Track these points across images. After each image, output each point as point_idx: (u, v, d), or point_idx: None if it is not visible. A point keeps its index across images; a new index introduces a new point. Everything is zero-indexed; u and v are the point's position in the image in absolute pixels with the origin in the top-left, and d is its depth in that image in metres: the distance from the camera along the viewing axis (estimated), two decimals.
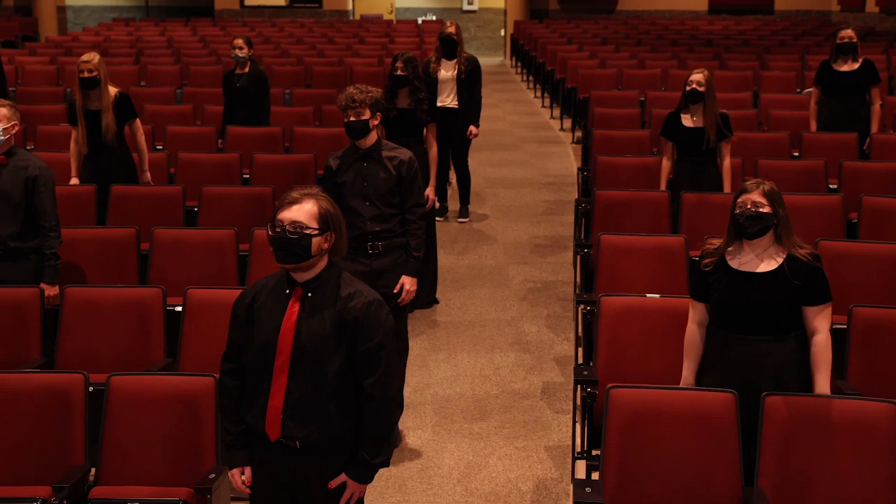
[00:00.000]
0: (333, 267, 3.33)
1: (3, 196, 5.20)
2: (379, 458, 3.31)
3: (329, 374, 3.22)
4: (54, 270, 5.29)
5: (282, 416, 3.23)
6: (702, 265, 4.06)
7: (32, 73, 12.43)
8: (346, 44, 15.58)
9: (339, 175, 5.10)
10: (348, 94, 5.04)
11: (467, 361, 6.19)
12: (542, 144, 12.37)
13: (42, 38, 19.12)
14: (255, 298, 3.33)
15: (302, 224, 3.23)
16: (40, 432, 4.02)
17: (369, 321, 3.24)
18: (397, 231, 5.11)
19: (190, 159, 7.77)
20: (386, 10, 23.91)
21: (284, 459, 3.28)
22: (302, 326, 3.23)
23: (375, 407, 3.26)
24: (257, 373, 3.28)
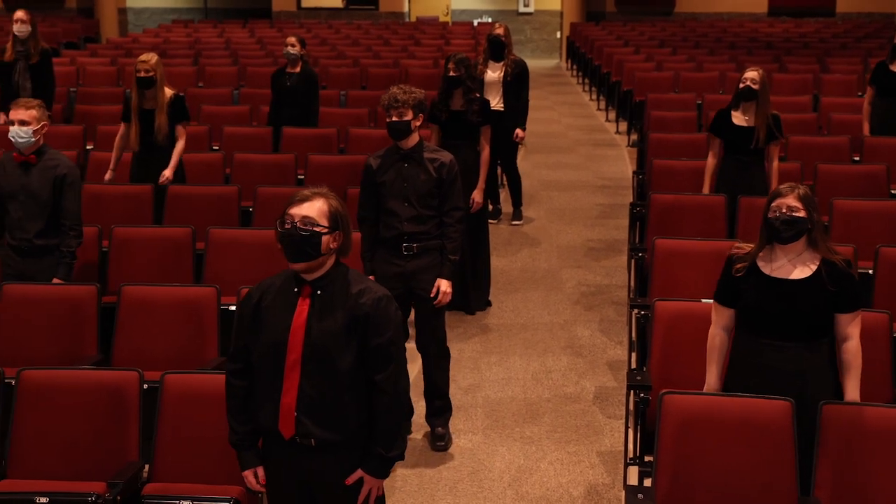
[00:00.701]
0: (340, 265, 3.33)
1: (32, 194, 5.30)
2: (394, 452, 3.31)
3: (341, 370, 3.23)
4: (68, 268, 5.36)
5: (295, 413, 3.24)
6: (733, 270, 3.98)
7: (93, 73, 12.62)
8: (401, 45, 15.61)
9: (379, 175, 5.11)
10: (392, 94, 5.05)
11: (519, 364, 6.16)
12: (596, 147, 12.29)
13: (103, 39, 19.41)
14: (261, 298, 3.33)
15: (313, 221, 3.23)
16: (95, 428, 4.06)
17: (380, 316, 3.25)
18: (433, 233, 5.10)
19: (245, 160, 7.84)
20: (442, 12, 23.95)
21: (300, 457, 3.29)
22: (312, 324, 3.24)
23: (388, 401, 3.27)
24: (268, 372, 3.29)
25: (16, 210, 5.28)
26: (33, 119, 5.25)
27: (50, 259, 5.30)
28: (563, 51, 21.73)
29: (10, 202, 5.29)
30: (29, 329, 4.99)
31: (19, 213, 5.27)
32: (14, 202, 5.28)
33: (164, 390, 4.09)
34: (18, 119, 5.22)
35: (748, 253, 4.00)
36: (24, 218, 5.27)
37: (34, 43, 8.52)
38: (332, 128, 8.73)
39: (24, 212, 5.27)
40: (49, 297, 5.05)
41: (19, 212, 5.27)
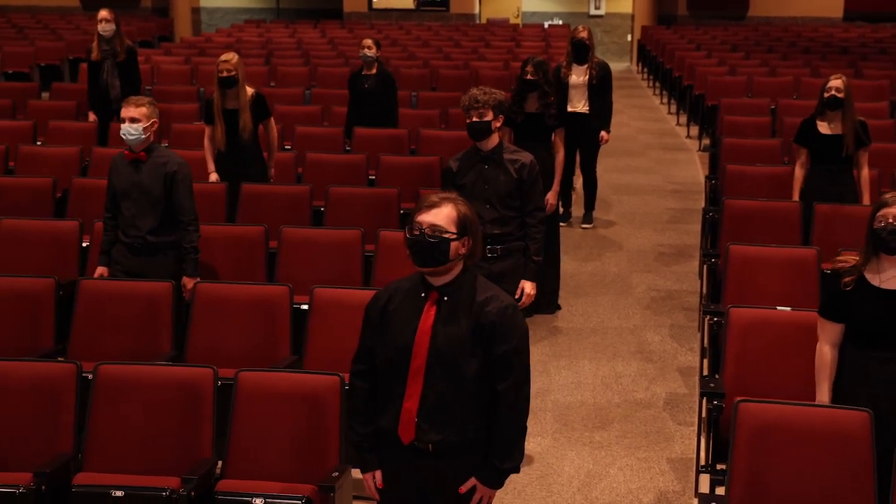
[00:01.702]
0: (468, 271, 3.32)
1: (144, 191, 5.36)
2: (509, 463, 3.28)
3: (465, 377, 3.21)
4: (194, 263, 5.43)
5: (416, 419, 3.23)
6: (841, 284, 3.89)
7: (167, 72, 12.82)
8: (471, 47, 15.61)
9: (460, 177, 5.10)
10: (472, 95, 5.04)
11: (588, 369, 6.12)
12: (667, 151, 12.17)
13: (177, 38, 19.74)
14: (389, 301, 3.33)
15: (441, 228, 3.21)
16: (170, 424, 4.11)
17: (506, 325, 3.22)
18: (516, 234, 5.09)
19: (317, 159, 7.91)
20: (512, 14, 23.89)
21: (416, 462, 3.27)
22: (438, 330, 3.22)
23: (509, 411, 3.24)
24: (391, 375, 3.28)
25: (128, 208, 5.36)
26: (143, 116, 5.31)
27: (162, 257, 5.38)
28: (634, 54, 21.54)
29: (123, 200, 5.36)
30: (105, 324, 5.07)
31: (132, 211, 5.35)
32: (127, 200, 5.36)
33: (239, 388, 4.14)
34: (129, 117, 5.28)
35: (854, 266, 3.90)
36: (136, 215, 5.34)
37: (119, 41, 8.67)
38: (404, 129, 8.76)
39: (137, 209, 5.34)
40: (126, 294, 5.13)
41: (132, 209, 5.35)
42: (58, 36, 16.52)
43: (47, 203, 6.83)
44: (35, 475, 3.82)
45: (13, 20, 18.88)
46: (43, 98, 11.07)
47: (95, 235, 5.95)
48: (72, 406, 4.10)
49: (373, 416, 3.35)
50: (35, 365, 4.21)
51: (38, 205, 6.78)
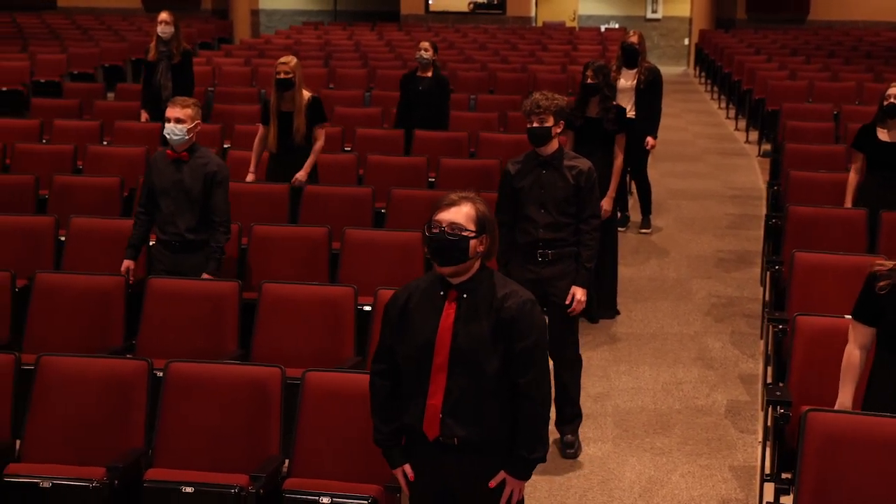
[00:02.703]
0: (486, 269, 3.36)
1: (184, 191, 5.46)
2: (536, 454, 3.32)
3: (487, 373, 3.26)
4: (218, 263, 5.51)
5: (441, 415, 3.27)
6: (876, 288, 3.85)
7: (228, 74, 12.97)
8: (528, 50, 15.60)
9: (517, 181, 5.12)
10: (534, 100, 5.06)
11: (649, 374, 6.10)
12: (726, 156, 12.06)
13: (236, 40, 19.96)
14: (408, 300, 3.37)
15: (460, 226, 3.25)
16: (238, 422, 4.17)
17: (525, 320, 3.26)
18: (569, 240, 5.09)
19: (378, 161, 7.96)
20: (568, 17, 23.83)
21: (443, 457, 3.32)
22: (459, 327, 3.27)
23: (531, 404, 3.29)
24: (414, 373, 3.33)
25: (167, 206, 5.46)
26: (188, 117, 5.42)
27: (200, 254, 5.47)
28: (691, 58, 21.36)
29: (163, 198, 5.47)
30: (173, 323, 5.15)
31: (171, 209, 5.45)
32: (166, 198, 5.46)
33: (306, 387, 4.18)
34: (174, 117, 5.40)
35: (892, 269, 3.86)
36: (175, 213, 5.45)
37: (177, 44, 8.80)
38: (463, 132, 8.79)
39: (176, 207, 5.44)
40: (193, 293, 5.22)
41: (171, 207, 5.45)
42: (120, 37, 16.80)
43: (115, 202, 6.96)
44: (108, 470, 3.90)
45: (77, 21, 19.23)
46: (108, 98, 11.28)
47: None
48: (143, 403, 4.18)
49: (395, 414, 3.41)
50: (108, 361, 4.30)
51: (106, 204, 6.91)
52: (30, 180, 7.04)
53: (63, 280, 5.25)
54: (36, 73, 12.96)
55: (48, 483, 3.85)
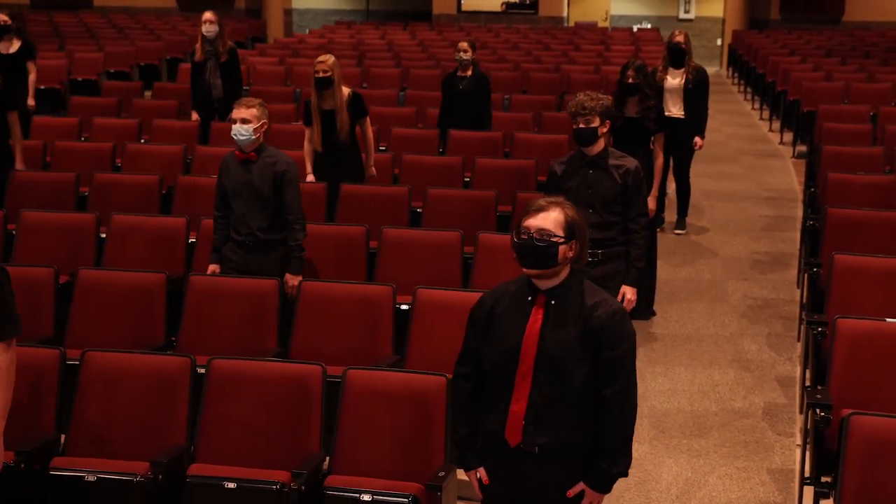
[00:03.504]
0: (575, 275, 3.34)
1: (254, 191, 5.49)
2: (618, 468, 3.29)
3: (572, 381, 3.23)
4: (299, 262, 5.54)
5: (523, 421, 3.25)
6: None
7: (263, 73, 13.04)
8: (561, 50, 15.58)
9: (564, 181, 5.12)
10: (579, 101, 5.06)
11: (685, 376, 6.08)
12: (760, 158, 12.00)
13: (270, 39, 20.06)
14: (495, 304, 3.36)
15: (549, 232, 3.25)
16: (279, 419, 4.20)
17: (615, 330, 3.23)
18: (618, 240, 5.09)
19: (414, 161, 7.98)
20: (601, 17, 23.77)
21: (522, 465, 3.29)
22: (546, 334, 3.25)
23: (617, 416, 3.25)
24: (498, 378, 3.31)
25: (240, 207, 5.50)
26: (254, 117, 5.44)
27: (274, 254, 5.50)
28: (724, 58, 21.24)
29: (235, 199, 5.51)
30: (213, 320, 5.20)
31: (243, 210, 5.49)
32: (238, 199, 5.50)
33: (347, 385, 4.21)
34: (241, 117, 5.41)
35: None
36: (247, 214, 5.48)
37: (222, 42, 8.87)
38: (498, 132, 8.80)
39: (248, 208, 5.47)
40: (233, 291, 5.26)
41: (243, 208, 5.49)
42: (156, 36, 16.93)
43: (154, 200, 7.02)
44: (152, 464, 3.94)
45: (113, 20, 19.41)
46: (145, 97, 11.38)
47: (202, 232, 6.10)
48: (185, 399, 4.22)
49: (475, 416, 3.39)
50: (151, 358, 4.35)
51: (145, 201, 6.97)
52: (70, 178, 7.13)
53: (105, 277, 5.31)
54: (73, 71, 13.09)
55: (93, 477, 3.90)
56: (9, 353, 3.46)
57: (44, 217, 6.25)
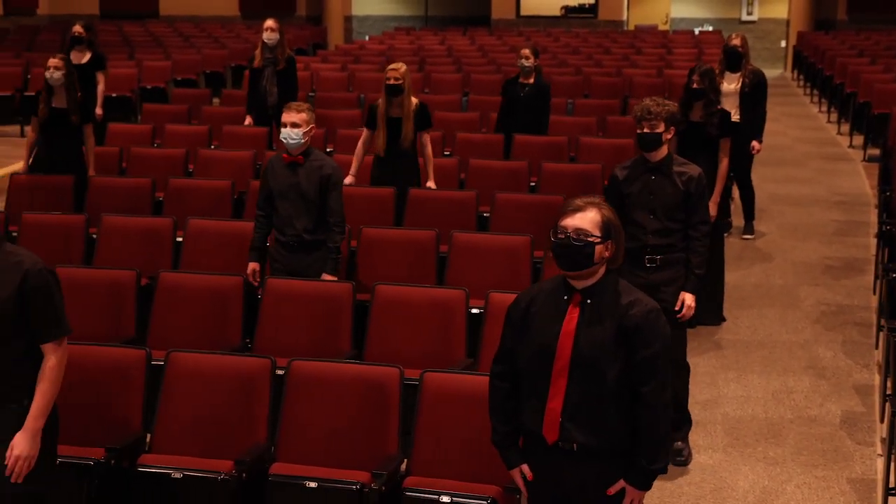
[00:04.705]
0: (611, 275, 3.35)
1: (301, 193, 5.57)
2: (657, 464, 3.30)
3: (607, 379, 3.25)
4: (335, 263, 5.62)
5: (560, 419, 3.28)
6: None
7: (325, 79, 13.18)
8: (622, 54, 15.51)
9: (626, 186, 5.10)
10: (645, 105, 5.04)
11: (758, 383, 6.02)
12: (828, 161, 11.83)
13: (331, 45, 20.24)
14: (531, 303, 3.39)
15: (586, 231, 3.26)
16: (357, 420, 4.23)
17: (649, 328, 3.25)
18: (678, 246, 5.06)
19: (479, 166, 8.01)
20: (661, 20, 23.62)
21: (561, 463, 3.32)
22: (581, 332, 3.27)
23: (653, 413, 3.26)
24: (534, 376, 3.34)
25: (285, 208, 5.59)
26: (303, 122, 5.53)
27: (317, 254, 5.58)
28: (789, 60, 20.98)
29: (280, 201, 5.60)
30: (287, 322, 5.26)
31: (289, 211, 5.58)
32: (284, 201, 5.59)
33: (424, 387, 4.24)
34: (290, 121, 5.51)
35: None
36: (293, 215, 5.57)
37: (281, 50, 8.99)
38: (563, 136, 8.79)
39: (294, 210, 5.56)
40: (309, 293, 5.32)
41: (289, 210, 5.58)
42: (220, 44, 17.18)
43: (226, 204, 7.13)
44: (236, 463, 4.00)
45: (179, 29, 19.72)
46: (213, 104, 11.55)
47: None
48: (266, 399, 4.27)
49: (512, 415, 3.43)
50: (233, 358, 4.41)
51: (218, 205, 7.09)
52: (147, 183, 7.27)
53: (185, 279, 5.40)
54: (143, 79, 13.34)
55: (179, 474, 3.97)
56: (58, 353, 3.51)
57: (123, 221, 6.38)
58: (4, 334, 3.45)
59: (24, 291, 3.43)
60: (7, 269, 3.45)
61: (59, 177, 7.33)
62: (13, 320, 3.44)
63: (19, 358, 3.48)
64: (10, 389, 3.48)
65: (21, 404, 3.48)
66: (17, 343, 3.47)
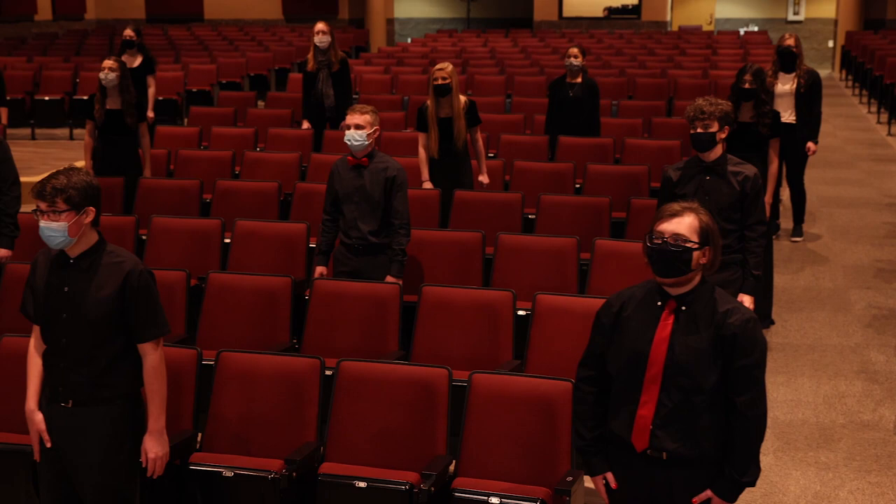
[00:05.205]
0: (706, 282, 3.31)
1: (365, 195, 5.58)
2: (747, 477, 3.24)
3: (701, 388, 3.20)
4: (400, 265, 5.60)
5: (651, 427, 3.24)
6: None
7: (369, 81, 13.20)
8: (666, 55, 15.41)
9: (679, 187, 5.06)
10: (698, 105, 5.00)
11: (808, 387, 5.94)
12: (879, 163, 11.66)
13: (373, 48, 20.31)
14: (622, 308, 3.34)
15: (683, 237, 3.23)
16: (406, 421, 4.23)
17: (747, 338, 3.19)
18: (734, 247, 5.01)
19: (524, 167, 7.98)
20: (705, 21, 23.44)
21: (649, 470, 3.27)
22: (676, 340, 3.23)
23: (747, 425, 3.20)
24: (625, 382, 3.30)
25: (351, 211, 5.60)
26: (367, 123, 5.54)
27: (382, 257, 5.59)
28: (837, 60, 20.72)
29: (346, 203, 5.61)
30: (336, 322, 5.27)
31: (354, 214, 5.59)
32: (349, 203, 5.60)
33: (472, 389, 4.23)
34: (354, 123, 5.52)
35: None
36: (358, 218, 5.58)
37: (334, 52, 9.03)
38: (608, 137, 8.75)
39: (359, 212, 5.58)
40: (356, 294, 5.32)
41: (354, 212, 5.59)
42: (264, 47, 17.29)
43: (273, 205, 7.17)
44: (286, 462, 4.02)
45: (223, 32, 19.90)
46: (258, 106, 11.63)
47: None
48: (315, 399, 4.29)
49: (600, 421, 3.38)
50: (282, 359, 4.43)
51: (265, 207, 7.13)
52: (195, 185, 7.33)
53: (233, 280, 5.44)
54: (188, 82, 13.47)
55: (230, 472, 4.00)
56: (158, 353, 3.63)
57: (172, 222, 6.44)
58: (105, 334, 3.54)
59: (125, 292, 3.53)
60: (109, 269, 3.54)
61: (109, 178, 7.42)
62: (114, 320, 3.53)
63: (118, 357, 3.58)
64: (107, 388, 3.57)
65: (114, 403, 3.58)
66: (116, 342, 3.57)
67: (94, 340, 3.55)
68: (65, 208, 3.47)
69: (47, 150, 12.03)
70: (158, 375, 3.60)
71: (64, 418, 3.60)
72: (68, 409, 3.58)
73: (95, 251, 3.58)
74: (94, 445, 3.57)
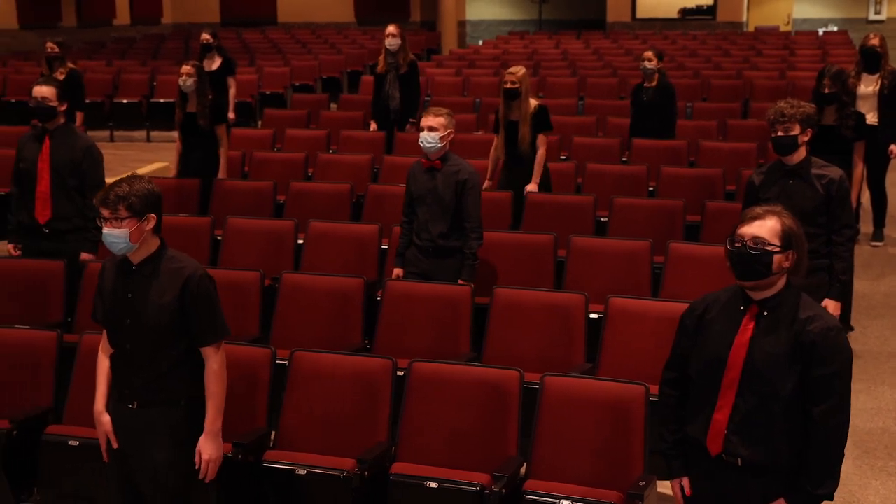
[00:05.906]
0: (792, 287, 3.25)
1: (437, 197, 5.59)
2: (822, 490, 3.17)
3: (779, 395, 3.15)
4: (472, 269, 5.60)
5: (725, 431, 3.20)
6: None
7: (441, 84, 13.23)
8: (742, 56, 15.16)
9: (763, 191, 4.99)
10: (778, 108, 4.93)
11: (889, 395, 5.80)
12: None
13: (445, 50, 20.36)
14: (706, 311, 3.32)
15: (764, 240, 3.19)
16: (476, 422, 4.24)
17: (828, 346, 3.13)
18: (820, 252, 4.91)
19: (597, 170, 7.94)
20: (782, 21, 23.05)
21: (723, 475, 3.24)
22: (755, 345, 3.18)
23: (824, 435, 3.14)
24: (704, 385, 3.27)
25: (423, 213, 5.62)
26: (441, 126, 5.55)
27: (451, 260, 5.60)
28: None
29: (419, 205, 5.64)
30: (407, 323, 5.30)
31: (426, 216, 5.61)
32: (422, 205, 5.63)
33: (544, 391, 4.21)
34: (428, 125, 5.55)
35: None
36: (430, 220, 5.60)
37: (403, 55, 9.09)
38: (682, 140, 8.65)
39: (431, 214, 5.60)
40: (428, 295, 5.35)
41: (426, 214, 5.61)
42: (336, 50, 17.45)
43: (345, 207, 7.24)
44: (358, 461, 4.06)
45: (296, 35, 20.12)
46: (331, 109, 11.74)
47: (393, 239, 6.24)
48: (388, 399, 4.32)
49: (682, 424, 3.35)
50: (355, 359, 4.47)
51: (337, 208, 7.20)
52: (269, 186, 7.43)
53: (307, 280, 5.50)
54: (262, 85, 13.66)
55: (303, 471, 4.05)
56: (219, 355, 3.68)
57: (247, 223, 6.54)
58: (166, 338, 3.61)
59: (185, 297, 3.59)
60: (170, 274, 3.61)
61: (185, 180, 7.56)
62: (175, 324, 3.60)
63: (179, 361, 3.64)
64: (170, 391, 3.63)
65: (177, 405, 3.64)
66: (177, 346, 3.63)
67: (155, 345, 3.61)
68: (126, 215, 3.54)
69: (125, 153, 12.29)
70: (217, 378, 3.65)
71: (129, 420, 3.67)
72: (133, 410, 3.65)
73: (157, 257, 3.64)
74: (156, 446, 3.63)
